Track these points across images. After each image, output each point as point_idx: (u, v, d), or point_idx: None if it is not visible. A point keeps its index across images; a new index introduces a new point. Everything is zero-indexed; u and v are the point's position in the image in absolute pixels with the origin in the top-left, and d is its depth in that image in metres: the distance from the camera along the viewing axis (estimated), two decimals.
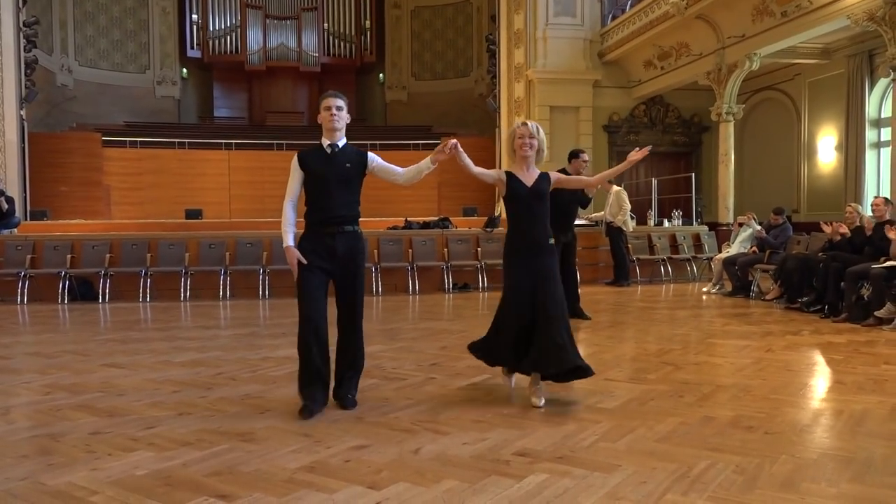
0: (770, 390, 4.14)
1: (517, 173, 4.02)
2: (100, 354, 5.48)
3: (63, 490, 2.65)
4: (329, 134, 3.80)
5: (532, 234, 3.97)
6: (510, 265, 4.02)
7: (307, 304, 3.69)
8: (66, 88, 21.85)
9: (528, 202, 3.98)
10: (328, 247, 3.71)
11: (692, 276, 11.72)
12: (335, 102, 3.80)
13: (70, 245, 9.74)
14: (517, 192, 3.98)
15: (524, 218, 4.01)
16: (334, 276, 3.76)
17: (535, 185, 3.99)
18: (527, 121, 4.07)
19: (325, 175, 3.74)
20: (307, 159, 3.79)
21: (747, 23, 12.62)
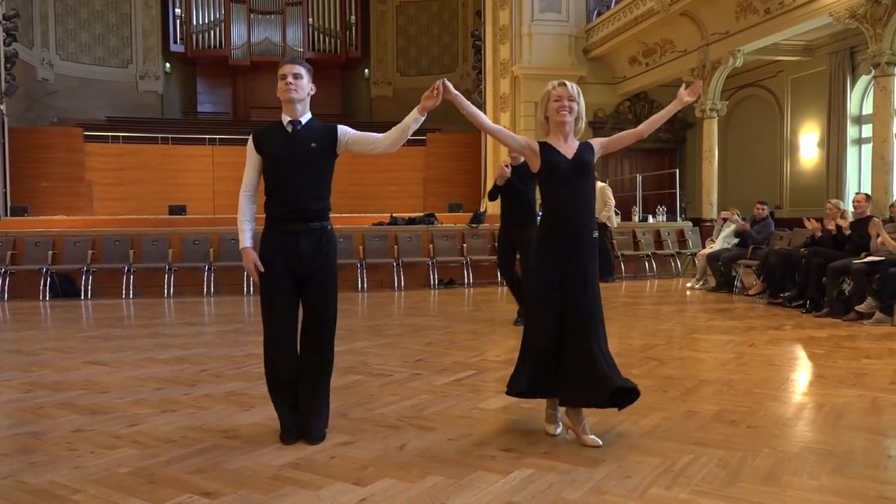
0: (753, 385, 4.19)
1: (553, 143, 3.27)
2: (82, 352, 5.44)
3: (45, 489, 2.63)
4: (288, 108, 3.20)
5: (577, 220, 3.20)
6: (542, 264, 3.24)
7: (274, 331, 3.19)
8: (46, 83, 21.57)
9: (569, 177, 3.19)
10: (292, 248, 3.14)
11: (676, 272, 11.79)
12: (292, 69, 3.16)
13: (52, 241, 9.63)
14: (556, 165, 3.19)
15: (567, 198, 3.21)
16: (300, 282, 3.20)
17: (578, 156, 3.23)
18: (566, 81, 3.31)
19: (285, 157, 3.15)
20: (264, 139, 3.21)
21: (731, 20, 12.68)
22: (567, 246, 3.18)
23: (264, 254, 3.19)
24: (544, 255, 3.23)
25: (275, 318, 3.21)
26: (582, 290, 3.17)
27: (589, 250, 3.21)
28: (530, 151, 3.27)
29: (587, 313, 3.15)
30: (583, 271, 3.18)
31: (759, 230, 9.23)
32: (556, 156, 3.21)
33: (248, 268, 3.19)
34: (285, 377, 3.24)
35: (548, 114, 3.28)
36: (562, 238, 3.20)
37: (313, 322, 3.24)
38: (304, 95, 3.20)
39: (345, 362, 4.87)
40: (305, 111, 3.24)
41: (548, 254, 3.22)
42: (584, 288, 3.17)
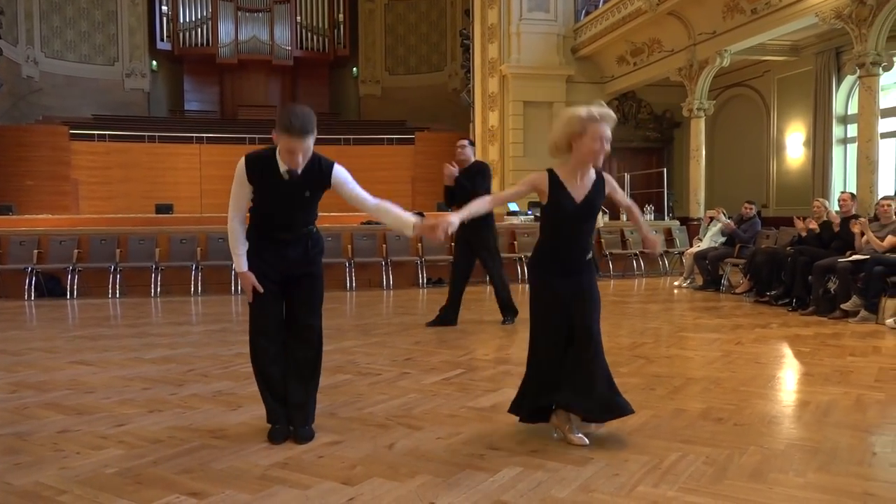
0: (739, 383, 4.21)
1: (566, 180, 3.08)
2: (68, 351, 5.39)
3: (30, 490, 2.60)
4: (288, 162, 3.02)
5: (574, 253, 3.16)
6: (537, 284, 3.22)
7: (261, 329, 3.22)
8: (31, 80, 21.38)
9: (574, 219, 3.11)
10: (280, 254, 3.16)
11: (664, 271, 11.84)
12: (303, 146, 2.93)
13: (37, 240, 9.54)
14: (562, 208, 3.08)
15: (567, 237, 3.15)
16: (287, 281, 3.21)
17: (588, 198, 3.10)
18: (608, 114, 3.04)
19: (276, 196, 3.10)
20: (256, 172, 3.07)
21: (718, 20, 12.76)
22: (564, 271, 3.15)
23: (254, 263, 3.17)
24: (542, 277, 3.19)
25: (263, 321, 3.22)
26: (583, 308, 3.12)
27: (586, 272, 3.18)
28: (539, 191, 3.12)
29: (588, 331, 3.10)
30: (582, 291, 3.14)
31: (745, 229, 9.29)
32: (565, 198, 3.07)
33: (246, 288, 3.18)
34: (275, 373, 3.23)
35: (578, 146, 3.01)
36: (556, 267, 3.16)
37: (300, 322, 3.24)
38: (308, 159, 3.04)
39: (333, 361, 4.86)
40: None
41: (545, 276, 3.18)
42: (585, 305, 3.13)
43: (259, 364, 3.25)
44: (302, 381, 3.24)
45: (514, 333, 6.14)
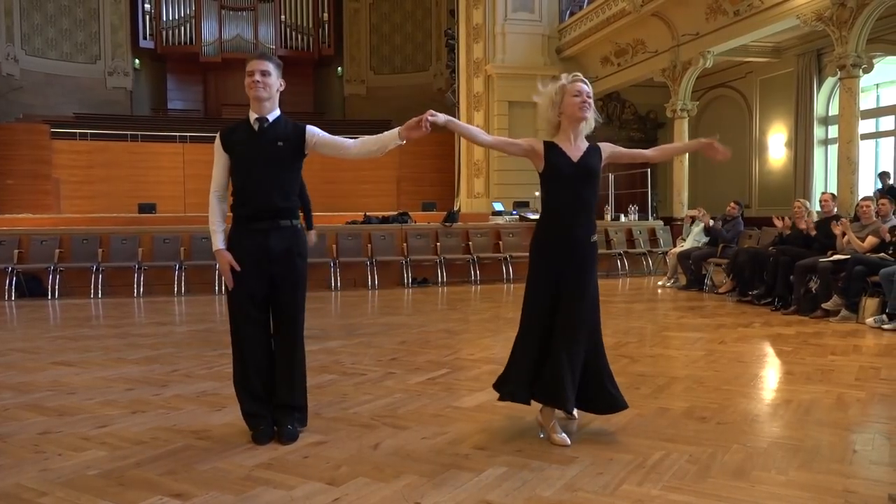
0: (722, 381, 4.25)
1: (561, 143, 3.14)
2: (49, 352, 5.33)
3: (11, 492, 2.57)
4: (255, 105, 3.12)
5: (575, 225, 3.11)
6: (536, 265, 3.18)
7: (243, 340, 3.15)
8: (11, 78, 21.11)
9: (571, 181, 3.10)
10: (261, 247, 3.09)
11: (648, 270, 11.91)
12: (260, 66, 3.07)
13: (17, 240, 9.42)
14: (558, 168, 3.09)
15: (566, 203, 3.12)
16: (270, 282, 3.15)
17: (584, 160, 3.12)
18: (579, 74, 3.16)
19: (251, 156, 3.09)
20: (230, 138, 3.13)
21: (701, 21, 12.85)
22: (563, 251, 3.11)
23: (234, 255, 3.12)
24: (538, 258, 3.19)
25: (246, 328, 3.17)
26: (579, 296, 3.12)
27: (588, 255, 3.14)
28: (534, 154, 3.14)
29: (579, 320, 3.12)
30: (579, 277, 3.13)
31: (728, 229, 9.36)
32: (561, 158, 3.10)
33: (223, 269, 3.11)
34: (257, 386, 3.19)
35: (563, 109, 3.11)
36: (557, 243, 3.13)
37: (284, 321, 3.21)
38: (273, 93, 3.13)
39: (318, 361, 4.84)
40: (274, 108, 3.17)
41: (542, 257, 3.17)
42: (580, 294, 3.13)
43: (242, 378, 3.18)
44: (289, 385, 3.20)
45: (498, 333, 6.15)
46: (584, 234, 3.14)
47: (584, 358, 3.15)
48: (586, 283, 3.16)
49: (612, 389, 3.24)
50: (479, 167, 17.25)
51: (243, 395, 3.21)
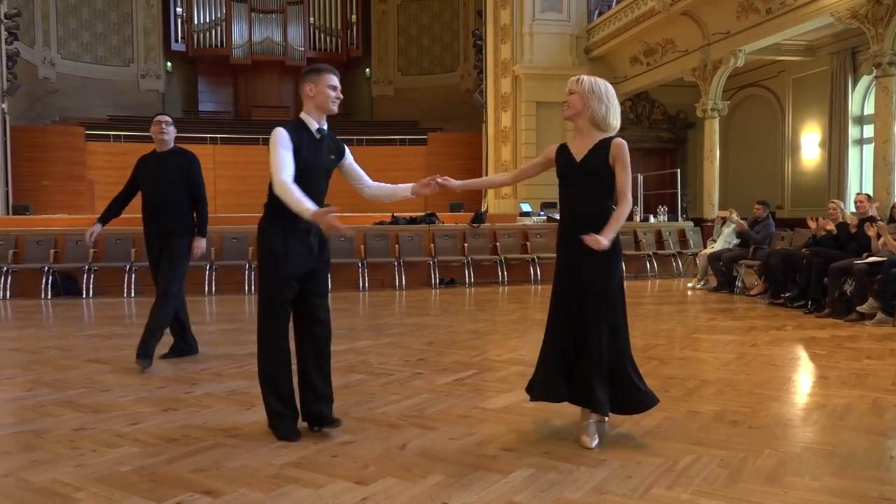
0: (754, 385, 4.18)
1: (570, 143, 3.23)
2: (84, 350, 5.44)
3: (47, 487, 2.63)
4: (320, 117, 3.21)
5: (577, 222, 3.10)
6: (557, 265, 3.28)
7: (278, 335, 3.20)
8: (48, 81, 21.57)
9: (573, 178, 3.17)
10: (306, 245, 3.18)
11: (677, 272, 11.78)
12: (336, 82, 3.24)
13: (53, 240, 9.63)
14: (562, 165, 3.20)
15: (570, 199, 3.21)
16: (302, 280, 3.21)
17: (587, 157, 3.14)
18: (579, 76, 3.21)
19: (314, 164, 3.17)
20: (298, 140, 3.11)
21: (732, 20, 12.68)
22: (573, 247, 3.07)
23: (278, 251, 3.14)
24: (558, 258, 3.28)
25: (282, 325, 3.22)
26: (594, 296, 3.12)
27: (599, 253, 3.02)
28: (550, 162, 3.26)
29: (597, 316, 3.12)
30: (593, 276, 3.11)
31: (759, 230, 9.22)
32: (566, 156, 3.19)
33: (331, 222, 2.89)
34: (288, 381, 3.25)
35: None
36: (569, 241, 3.12)
37: (319, 316, 3.27)
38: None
39: (346, 361, 4.87)
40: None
41: (559, 256, 3.27)
42: (595, 293, 3.12)
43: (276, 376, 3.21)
44: (323, 373, 3.30)
45: (526, 334, 6.13)
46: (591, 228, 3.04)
47: (608, 358, 3.12)
48: (601, 282, 3.13)
49: (640, 386, 3.19)
50: (506, 168, 17.21)
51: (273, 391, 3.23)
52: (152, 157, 5.06)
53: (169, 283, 4.88)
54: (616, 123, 3.20)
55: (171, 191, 4.92)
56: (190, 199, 4.97)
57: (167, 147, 5.01)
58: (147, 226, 5.05)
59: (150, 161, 5.04)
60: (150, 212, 5.01)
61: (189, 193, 4.95)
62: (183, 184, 4.93)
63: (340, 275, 10.04)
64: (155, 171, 4.96)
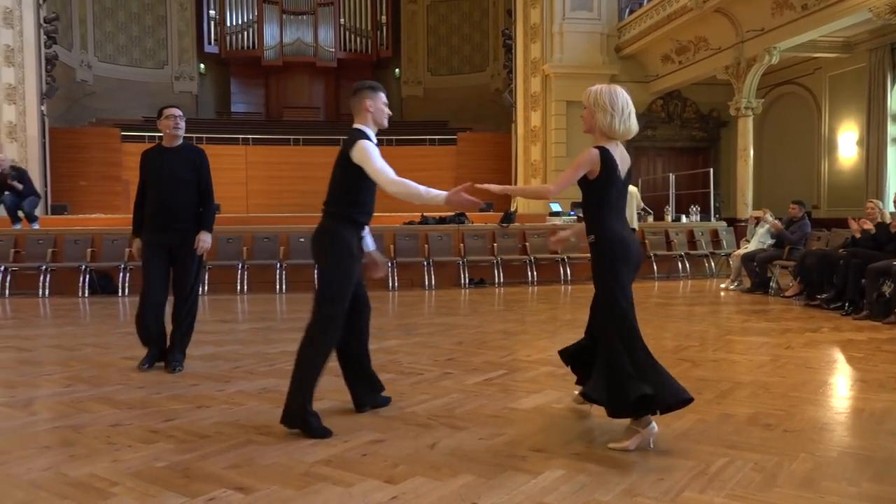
0: (789, 388, 4.11)
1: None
2: (120, 347, 5.54)
3: (84, 481, 2.68)
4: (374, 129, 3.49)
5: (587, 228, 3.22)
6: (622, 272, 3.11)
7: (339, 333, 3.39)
8: (85, 84, 22.04)
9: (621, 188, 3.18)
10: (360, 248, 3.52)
11: (710, 273, 11.63)
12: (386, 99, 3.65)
13: (90, 239, 9.83)
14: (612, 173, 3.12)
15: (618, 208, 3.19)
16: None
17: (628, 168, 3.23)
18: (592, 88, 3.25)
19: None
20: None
21: (767, 16, 12.48)
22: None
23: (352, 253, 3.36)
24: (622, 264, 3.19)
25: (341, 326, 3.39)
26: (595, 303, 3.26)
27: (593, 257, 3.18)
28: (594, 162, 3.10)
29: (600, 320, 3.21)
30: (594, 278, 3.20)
31: (794, 230, 9.06)
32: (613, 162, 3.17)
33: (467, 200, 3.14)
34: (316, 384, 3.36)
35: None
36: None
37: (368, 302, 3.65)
38: None
39: (376, 360, 4.86)
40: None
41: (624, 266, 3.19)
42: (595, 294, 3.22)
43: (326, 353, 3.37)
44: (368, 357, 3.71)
45: (555, 334, 6.10)
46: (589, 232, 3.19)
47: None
48: (596, 284, 3.19)
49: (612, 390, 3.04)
50: (536, 167, 17.16)
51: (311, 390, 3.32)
52: (161, 152, 4.81)
53: (194, 285, 4.83)
54: (623, 129, 3.16)
55: (186, 189, 4.73)
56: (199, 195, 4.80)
57: (178, 142, 4.82)
58: (157, 224, 4.72)
59: (161, 157, 4.79)
60: (163, 210, 4.72)
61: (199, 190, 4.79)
62: (195, 181, 4.77)
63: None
64: (168, 168, 4.72)
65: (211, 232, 4.88)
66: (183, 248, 4.75)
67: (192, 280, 4.83)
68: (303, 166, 19.46)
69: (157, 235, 4.73)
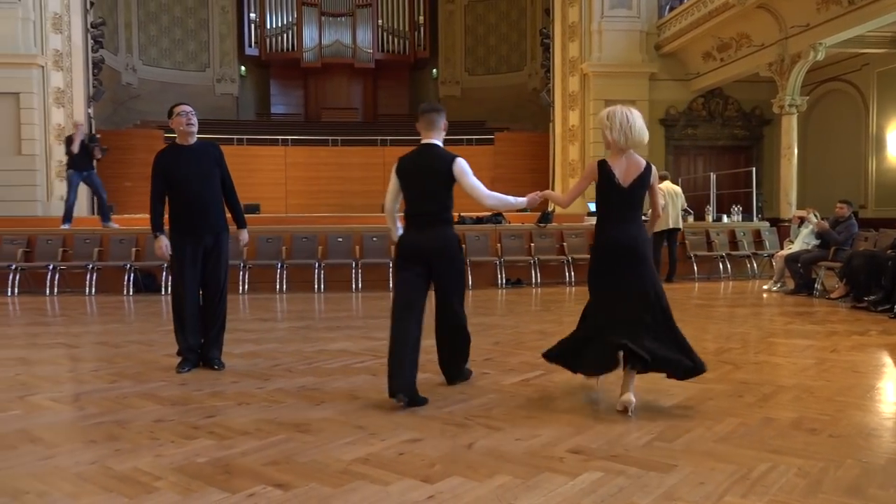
0: (835, 392, 4.01)
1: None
2: (163, 345, 5.65)
3: (129, 475, 2.75)
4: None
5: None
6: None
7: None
8: (130, 87, 22.55)
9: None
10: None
11: (752, 274, 11.41)
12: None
13: (135, 239, 10.06)
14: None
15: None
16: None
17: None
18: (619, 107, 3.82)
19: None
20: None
21: (812, 12, 12.19)
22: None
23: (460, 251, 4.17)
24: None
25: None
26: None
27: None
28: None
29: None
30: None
31: (841, 231, 8.82)
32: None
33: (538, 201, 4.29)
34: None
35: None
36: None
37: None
38: None
39: None
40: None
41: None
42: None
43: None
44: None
45: None
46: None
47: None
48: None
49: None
50: (573, 167, 17.03)
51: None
52: (179, 152, 4.76)
53: (226, 282, 4.84)
54: (621, 140, 3.73)
55: (212, 185, 4.72)
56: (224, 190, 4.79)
57: (193, 139, 4.78)
58: (188, 225, 4.71)
59: (181, 157, 4.74)
60: (193, 210, 4.70)
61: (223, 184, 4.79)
62: (219, 176, 4.77)
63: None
64: (191, 166, 4.69)
65: (245, 227, 4.97)
66: (215, 248, 4.75)
67: (224, 278, 4.84)
68: (341, 167, 19.62)
69: (190, 237, 4.70)
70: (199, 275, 4.74)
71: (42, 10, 15.56)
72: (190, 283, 4.71)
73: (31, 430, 3.32)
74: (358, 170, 19.46)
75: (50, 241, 10.05)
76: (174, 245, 4.73)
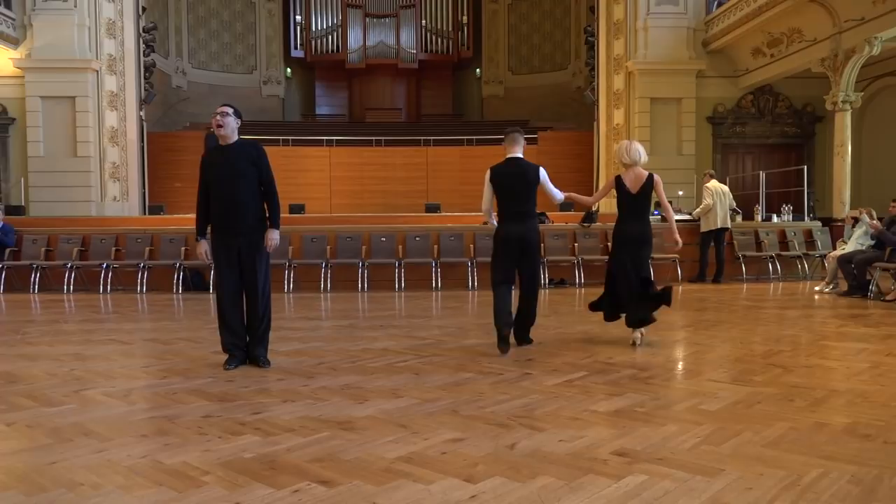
0: (890, 397, 3.88)
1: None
2: (211, 342, 5.75)
3: (178, 469, 2.81)
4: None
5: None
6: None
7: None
8: (180, 90, 23.10)
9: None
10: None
11: (803, 275, 11.12)
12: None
13: (184, 238, 10.29)
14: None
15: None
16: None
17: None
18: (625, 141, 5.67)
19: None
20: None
21: (867, 5, 11.82)
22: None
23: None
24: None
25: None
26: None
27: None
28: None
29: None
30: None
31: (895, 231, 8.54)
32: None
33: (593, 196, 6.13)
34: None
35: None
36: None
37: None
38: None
39: (455, 360, 4.92)
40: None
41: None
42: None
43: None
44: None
45: None
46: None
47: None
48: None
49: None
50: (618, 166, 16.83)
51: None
52: (220, 151, 4.82)
53: (266, 281, 4.83)
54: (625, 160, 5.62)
55: (247, 184, 4.72)
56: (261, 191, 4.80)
57: (233, 139, 4.80)
58: (224, 224, 4.76)
59: (219, 156, 4.80)
60: (228, 208, 4.73)
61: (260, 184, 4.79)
62: (255, 176, 4.76)
63: (451, 274, 10.15)
64: (227, 165, 4.73)
65: (279, 228, 4.85)
66: (250, 249, 4.74)
67: (263, 278, 4.82)
68: (385, 167, 19.76)
69: (225, 238, 4.75)
70: (237, 274, 4.77)
71: (97, 16, 16.07)
72: (227, 282, 4.77)
73: (85, 424, 3.43)
74: (401, 170, 19.59)
75: (103, 240, 10.36)
76: (212, 244, 4.82)
